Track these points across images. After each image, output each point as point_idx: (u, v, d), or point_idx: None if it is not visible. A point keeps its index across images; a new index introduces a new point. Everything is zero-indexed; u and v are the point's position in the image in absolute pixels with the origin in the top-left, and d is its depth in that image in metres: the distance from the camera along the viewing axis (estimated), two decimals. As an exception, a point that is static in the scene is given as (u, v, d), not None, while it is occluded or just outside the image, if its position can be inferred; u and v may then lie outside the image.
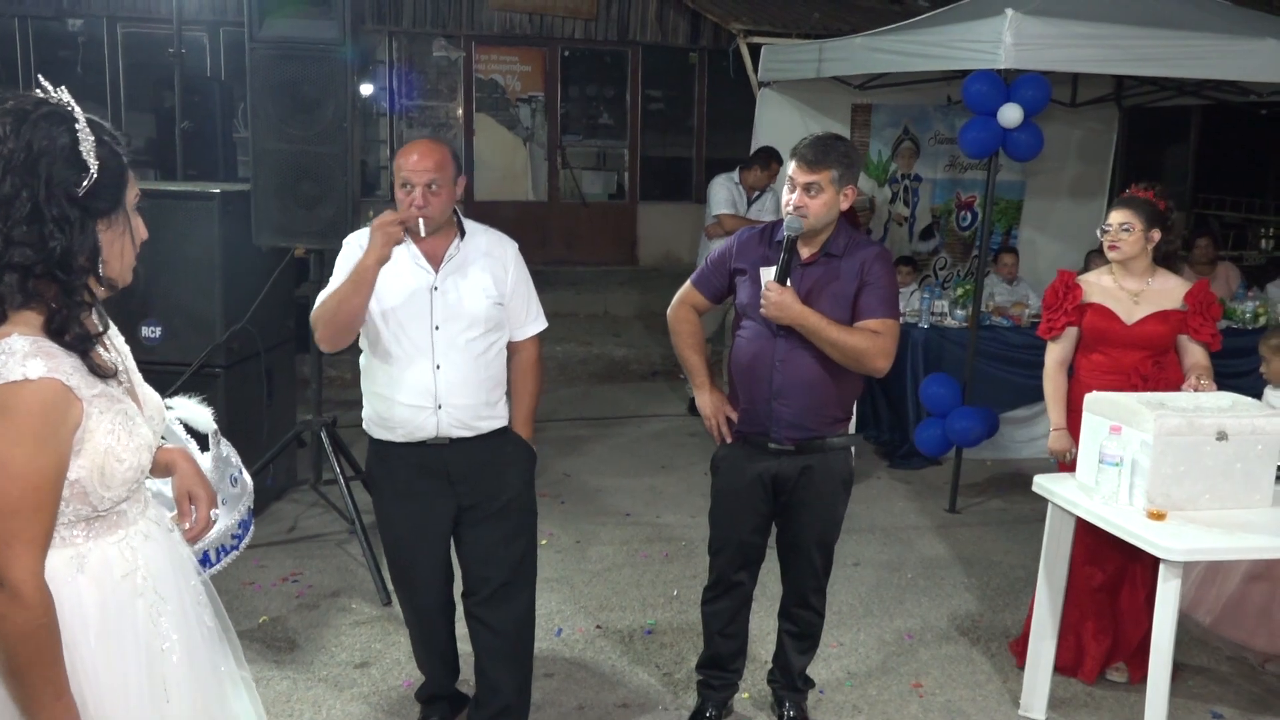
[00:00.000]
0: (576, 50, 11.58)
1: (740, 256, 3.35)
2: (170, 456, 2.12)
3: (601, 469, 6.32)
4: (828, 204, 3.20)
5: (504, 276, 3.21)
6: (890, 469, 6.60)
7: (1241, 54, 5.65)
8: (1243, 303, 7.15)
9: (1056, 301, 3.97)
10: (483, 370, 3.17)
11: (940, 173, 8.62)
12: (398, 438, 3.18)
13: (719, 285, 3.42)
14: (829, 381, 3.25)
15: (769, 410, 3.27)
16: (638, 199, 11.85)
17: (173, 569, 1.96)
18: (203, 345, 4.85)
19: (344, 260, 3.16)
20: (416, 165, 3.06)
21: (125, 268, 1.86)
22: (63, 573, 1.79)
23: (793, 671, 3.59)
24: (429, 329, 3.11)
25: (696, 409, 3.48)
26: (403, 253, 3.11)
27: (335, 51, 4.43)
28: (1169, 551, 3.09)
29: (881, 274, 3.25)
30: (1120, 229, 3.82)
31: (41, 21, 10.44)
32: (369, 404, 3.25)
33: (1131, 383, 3.79)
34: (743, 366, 3.33)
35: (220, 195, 4.87)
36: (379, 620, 4.29)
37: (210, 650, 2.02)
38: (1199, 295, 3.86)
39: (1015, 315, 6.90)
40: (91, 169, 1.74)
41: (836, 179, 3.20)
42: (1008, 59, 5.26)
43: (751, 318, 3.30)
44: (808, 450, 3.30)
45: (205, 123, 8.48)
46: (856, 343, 3.17)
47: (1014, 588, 4.83)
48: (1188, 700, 3.87)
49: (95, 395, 1.78)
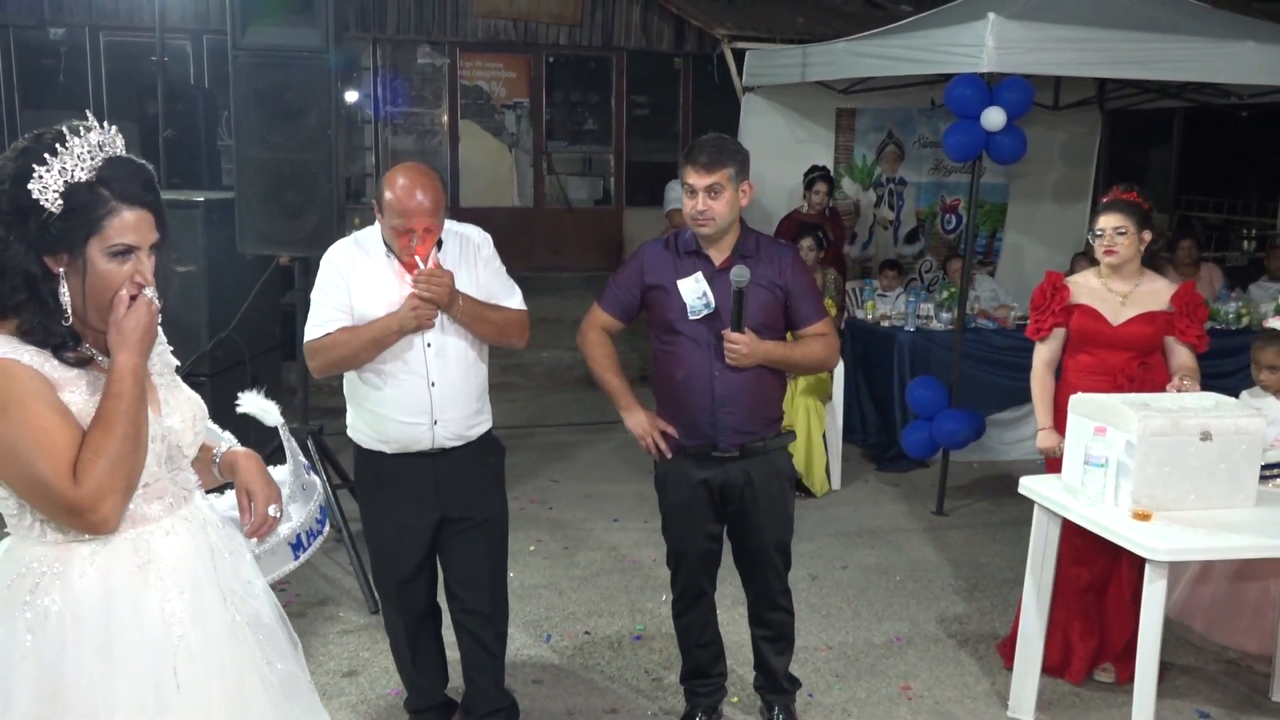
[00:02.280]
0: (561, 56, 11.58)
1: (652, 273, 3.33)
2: (234, 457, 2.20)
3: (589, 475, 6.31)
4: (730, 203, 3.22)
5: (477, 269, 3.18)
6: (878, 472, 6.62)
7: (1222, 56, 5.69)
8: (1225, 303, 7.20)
9: (1044, 302, 3.98)
10: (473, 378, 3.20)
11: (924, 176, 8.65)
12: (390, 450, 3.18)
13: (630, 304, 3.39)
14: (764, 384, 3.31)
15: (713, 420, 3.28)
16: (624, 204, 11.84)
17: (200, 564, 1.98)
18: (188, 353, 4.82)
19: (327, 282, 3.11)
20: (418, 209, 2.96)
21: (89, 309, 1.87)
22: (75, 569, 1.85)
23: (776, 674, 3.60)
24: (422, 349, 3.10)
25: None
26: (384, 269, 3.09)
27: (318, 59, 4.41)
28: (1154, 552, 3.11)
29: (803, 278, 3.34)
30: (1115, 233, 3.82)
31: (23, 30, 10.39)
32: (358, 417, 3.22)
33: (1118, 384, 3.81)
34: (676, 381, 3.32)
35: (204, 203, 4.87)
36: (367, 629, 4.27)
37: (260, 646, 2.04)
38: (1185, 297, 3.88)
39: (1000, 318, 6.93)
40: (49, 208, 1.79)
41: (734, 176, 3.22)
42: (990, 63, 5.30)
43: (681, 332, 3.28)
44: (751, 453, 3.33)
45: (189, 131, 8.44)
46: (813, 352, 3.33)
47: (1001, 589, 4.84)
48: (1174, 700, 3.88)
49: (70, 378, 1.84)
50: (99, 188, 1.83)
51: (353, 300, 3.08)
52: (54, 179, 1.79)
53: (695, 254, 3.29)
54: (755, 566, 3.49)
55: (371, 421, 3.18)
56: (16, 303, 1.81)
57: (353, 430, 3.26)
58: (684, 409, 3.32)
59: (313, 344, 3.11)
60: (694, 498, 3.37)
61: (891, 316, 6.98)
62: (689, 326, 3.26)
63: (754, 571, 3.50)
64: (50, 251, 1.82)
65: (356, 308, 3.08)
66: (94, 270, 1.85)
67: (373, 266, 3.12)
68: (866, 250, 8.68)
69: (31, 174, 1.78)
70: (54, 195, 1.79)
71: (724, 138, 3.33)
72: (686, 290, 3.24)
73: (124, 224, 1.85)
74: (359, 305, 3.07)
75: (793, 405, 5.91)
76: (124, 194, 1.85)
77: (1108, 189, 4.12)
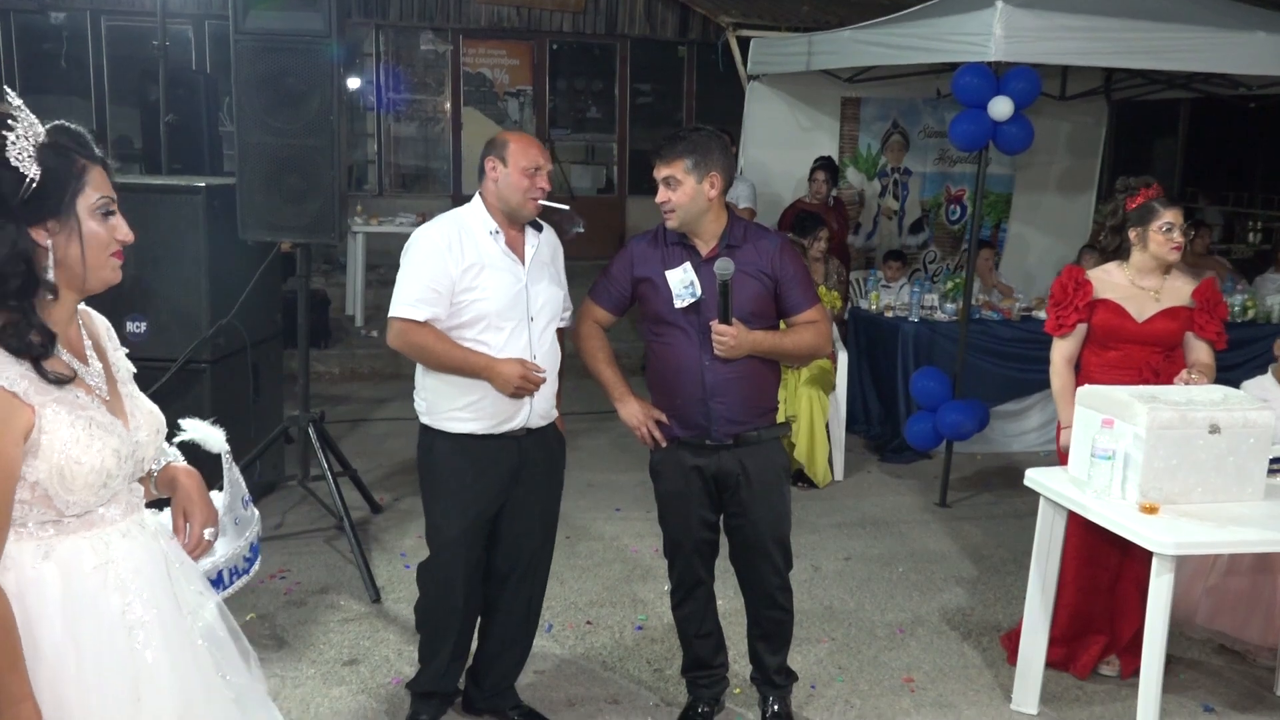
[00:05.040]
0: (565, 44, 11.53)
1: (641, 266, 3.35)
2: (173, 473, 2.09)
3: (592, 464, 6.29)
4: (690, 194, 3.20)
5: (561, 267, 3.39)
6: (881, 463, 6.60)
7: (1230, 46, 5.65)
8: (1231, 295, 7.16)
9: (1066, 298, 3.89)
10: (555, 358, 3.34)
11: (929, 166, 8.62)
12: (481, 429, 3.22)
13: (620, 297, 3.41)
14: (756, 375, 3.30)
15: (706, 410, 3.27)
16: (626, 193, 11.81)
17: (156, 570, 1.92)
18: (188, 340, 4.81)
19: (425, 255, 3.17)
20: (539, 147, 3.31)
21: (85, 273, 1.83)
22: (28, 558, 1.78)
23: (768, 669, 3.57)
24: (526, 322, 3.22)
25: None
26: (493, 247, 3.21)
27: (321, 44, 4.38)
28: (1162, 545, 3.09)
29: (792, 266, 3.32)
30: (1181, 230, 3.75)
31: (24, 15, 10.36)
32: (446, 396, 3.23)
33: (1143, 377, 3.76)
34: (669, 372, 3.32)
35: (206, 189, 4.82)
36: (367, 617, 4.26)
37: (214, 657, 1.98)
38: (1206, 293, 3.84)
39: (1005, 309, 6.90)
40: (30, 174, 1.74)
41: (691, 167, 3.19)
42: (997, 51, 5.26)
43: (671, 323, 3.29)
44: (744, 443, 3.32)
45: (191, 116, 8.41)
46: (805, 340, 3.31)
47: (1005, 582, 4.82)
48: (1180, 695, 3.87)
49: (50, 400, 1.77)
50: (63, 148, 1.79)
51: (457, 279, 3.14)
52: (26, 145, 1.74)
53: (681, 244, 3.29)
54: (753, 562, 3.45)
55: (465, 396, 3.20)
56: (5, 292, 1.74)
57: (432, 416, 3.28)
58: (677, 400, 3.32)
59: (404, 325, 3.16)
60: (689, 485, 3.36)
61: (895, 307, 6.95)
62: (678, 317, 3.26)
63: (751, 568, 3.47)
64: (39, 221, 1.77)
65: (461, 284, 3.14)
66: (87, 230, 1.81)
67: (481, 245, 3.20)
68: (871, 241, 8.66)
69: (5, 144, 1.73)
70: (29, 160, 1.74)
71: (694, 129, 3.31)
72: (674, 280, 3.24)
73: (100, 179, 1.83)
74: (465, 282, 3.14)
75: (796, 395, 5.89)
76: (85, 151, 1.82)
77: (1113, 180, 4.07)
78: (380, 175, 11.34)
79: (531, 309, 3.23)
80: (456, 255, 3.15)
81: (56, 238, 1.78)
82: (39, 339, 1.76)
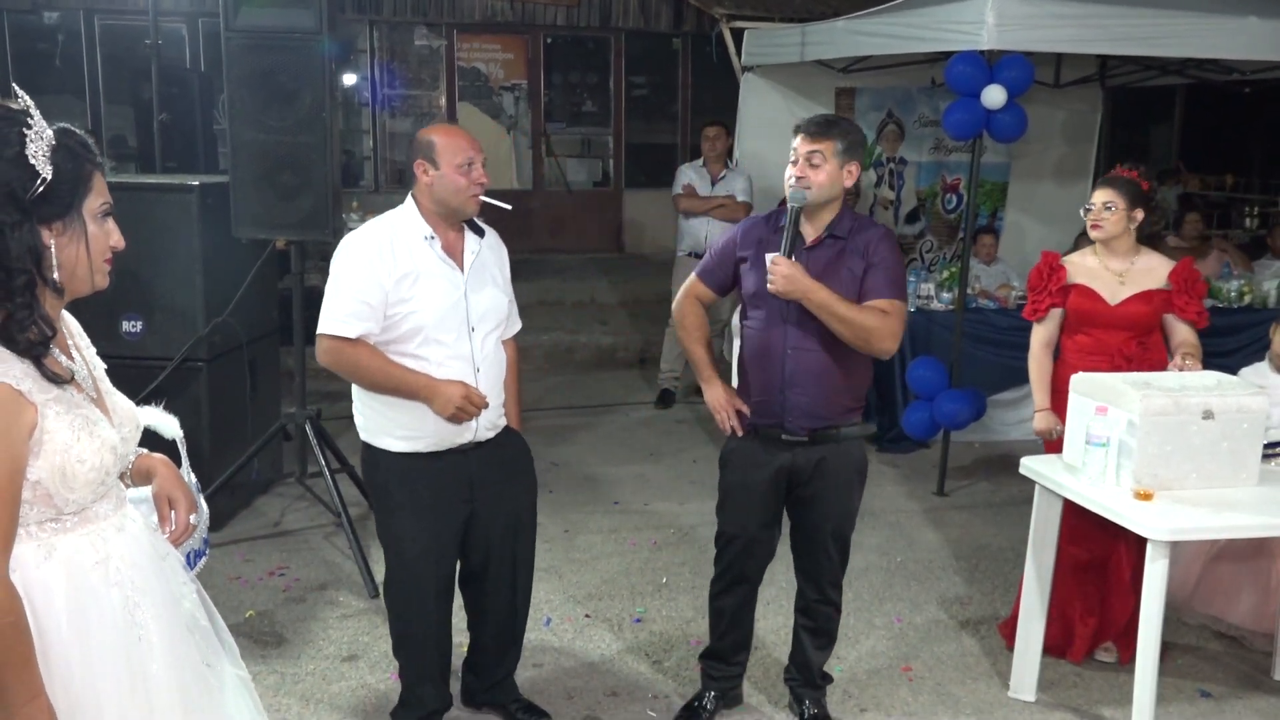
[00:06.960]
0: (559, 37, 11.52)
1: (744, 245, 3.30)
2: (150, 463, 2.12)
3: (589, 457, 6.30)
4: (831, 176, 3.16)
5: (506, 274, 3.23)
6: (878, 453, 6.60)
7: (1224, 32, 5.64)
8: (1227, 281, 7.16)
9: (1041, 283, 3.96)
10: (500, 367, 3.17)
11: (925, 155, 8.59)
12: (423, 447, 3.06)
13: (723, 276, 3.37)
14: (839, 369, 3.21)
15: (782, 400, 3.22)
16: (623, 186, 11.81)
17: (151, 563, 1.95)
18: (185, 339, 4.81)
19: (353, 266, 2.97)
20: (468, 138, 3.08)
21: (85, 275, 1.85)
22: (30, 559, 1.79)
23: (812, 669, 3.54)
24: (467, 333, 3.04)
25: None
26: (429, 254, 3.02)
27: (313, 40, 4.37)
28: (1156, 531, 3.09)
29: (888, 254, 3.21)
30: (1103, 208, 3.82)
31: (17, 15, 10.34)
32: (382, 415, 3.06)
33: (1115, 364, 3.78)
34: (754, 356, 3.28)
35: (199, 187, 4.82)
36: (366, 613, 4.27)
37: (198, 647, 2.00)
38: (1183, 273, 3.86)
39: (1001, 297, 6.90)
40: (44, 174, 1.75)
41: (840, 151, 3.16)
42: (990, 40, 5.25)
43: (760, 306, 3.24)
44: (822, 440, 3.25)
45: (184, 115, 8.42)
46: (865, 320, 3.10)
47: (1002, 570, 4.83)
48: (1176, 679, 3.88)
49: (50, 399, 1.79)
50: (72, 150, 1.81)
51: (390, 290, 2.95)
52: (42, 145, 1.77)
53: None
54: (809, 553, 3.42)
55: (401, 417, 3.03)
56: (13, 288, 1.75)
57: (371, 434, 3.11)
58: (756, 385, 3.28)
59: (334, 343, 2.97)
60: (755, 481, 3.30)
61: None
62: (769, 300, 3.19)
63: (807, 558, 3.43)
64: (45, 221, 1.79)
65: (394, 295, 2.94)
66: (90, 233, 1.83)
67: (415, 252, 3.00)
68: (867, 231, 8.62)
69: (25, 142, 1.75)
70: (43, 160, 1.76)
71: (842, 118, 3.35)
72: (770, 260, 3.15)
73: (101, 183, 1.86)
74: (399, 292, 2.94)
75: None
76: (88, 155, 1.84)
77: (1109, 167, 4.10)
78: (376, 171, 11.33)
79: (472, 318, 3.04)
80: (389, 264, 2.95)
81: (60, 239, 1.81)
82: (41, 336, 1.78)
